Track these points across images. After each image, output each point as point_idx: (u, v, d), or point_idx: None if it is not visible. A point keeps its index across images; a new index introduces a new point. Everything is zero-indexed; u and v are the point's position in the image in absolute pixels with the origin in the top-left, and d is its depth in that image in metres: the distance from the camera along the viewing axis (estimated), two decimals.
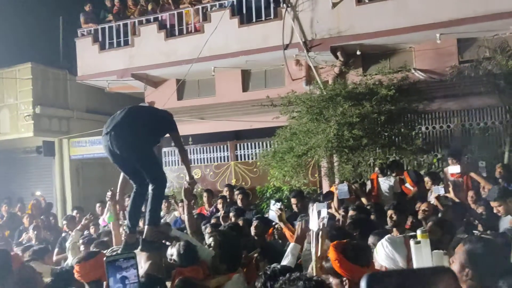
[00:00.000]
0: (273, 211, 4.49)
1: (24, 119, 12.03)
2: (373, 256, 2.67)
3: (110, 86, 11.81)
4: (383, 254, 2.58)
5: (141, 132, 3.69)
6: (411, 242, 2.01)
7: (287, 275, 2.01)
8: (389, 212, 4.64)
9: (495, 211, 4.59)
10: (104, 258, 1.70)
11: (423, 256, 1.96)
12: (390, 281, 0.60)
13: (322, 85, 8.99)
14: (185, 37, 10.66)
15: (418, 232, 2.06)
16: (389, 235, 2.81)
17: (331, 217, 5.57)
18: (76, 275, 3.09)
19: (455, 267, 2.02)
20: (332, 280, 2.49)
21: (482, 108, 9.00)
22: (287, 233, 4.45)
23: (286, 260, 3.36)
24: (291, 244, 3.50)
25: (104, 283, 1.68)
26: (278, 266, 2.64)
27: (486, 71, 8.11)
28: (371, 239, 3.78)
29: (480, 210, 5.44)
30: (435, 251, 1.94)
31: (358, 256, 2.38)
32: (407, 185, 6.95)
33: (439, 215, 5.18)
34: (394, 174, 7.37)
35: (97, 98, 13.04)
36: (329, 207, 5.85)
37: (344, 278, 2.42)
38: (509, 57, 8.06)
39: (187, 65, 10.06)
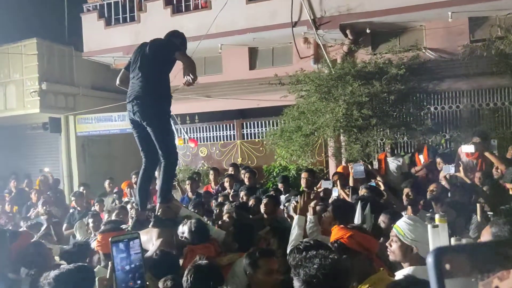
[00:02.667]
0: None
1: (30, 95, 12.00)
2: (394, 238, 2.63)
3: (116, 63, 11.71)
4: (416, 233, 2.53)
5: (160, 94, 3.78)
6: (429, 226, 1.99)
7: (303, 253, 2.01)
8: (406, 190, 4.67)
9: (511, 192, 4.57)
10: (109, 239, 1.69)
11: (440, 240, 1.93)
12: (463, 255, 0.57)
13: (331, 64, 8.87)
14: (192, 13, 10.50)
15: (437, 216, 2.03)
16: (409, 215, 2.81)
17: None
18: (96, 244, 3.11)
19: None
20: None
21: (492, 89, 8.89)
22: None
23: (294, 232, 3.42)
24: (296, 217, 3.58)
25: (110, 263, 1.68)
26: (311, 242, 2.69)
27: (498, 51, 7.97)
28: (382, 217, 3.80)
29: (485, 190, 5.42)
30: (466, 239, 1.91)
31: None
32: (421, 157, 6.92)
33: (448, 195, 5.17)
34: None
35: (103, 75, 12.95)
36: (334, 185, 5.88)
37: None
38: None
39: (194, 42, 9.93)
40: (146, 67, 3.92)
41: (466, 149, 6.02)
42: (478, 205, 3.90)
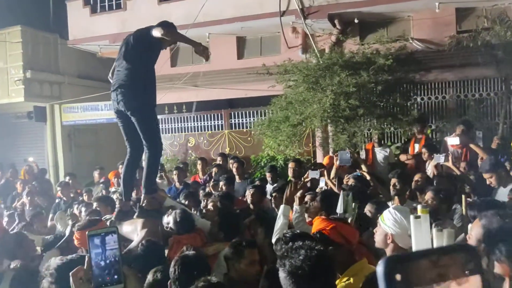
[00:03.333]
0: None
1: (15, 84, 11.81)
2: (378, 224, 2.71)
3: (102, 51, 11.56)
4: (392, 221, 2.61)
5: (145, 83, 3.73)
6: (411, 217, 2.01)
7: (290, 243, 2.02)
8: (393, 180, 4.69)
9: (487, 182, 4.64)
10: (87, 233, 1.68)
11: (422, 231, 1.96)
12: (411, 264, 0.56)
13: (319, 54, 8.86)
14: (179, 1, 10.37)
15: (419, 207, 2.06)
16: (395, 205, 2.86)
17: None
18: (76, 242, 3.08)
19: (471, 242, 2.03)
20: None
21: (478, 79, 8.98)
22: None
23: (280, 222, 3.46)
24: (281, 206, 3.60)
25: (86, 256, 1.67)
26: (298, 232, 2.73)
27: (484, 42, 8.02)
28: (368, 207, 3.83)
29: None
30: (447, 229, 1.94)
31: None
32: (417, 146, 6.97)
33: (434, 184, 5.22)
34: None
35: (89, 63, 12.80)
36: (321, 175, 5.89)
37: None
38: (508, 28, 7.96)
39: (181, 30, 9.81)
40: (130, 55, 3.87)
41: (451, 142, 6.08)
42: (463, 196, 3.94)
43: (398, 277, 0.55)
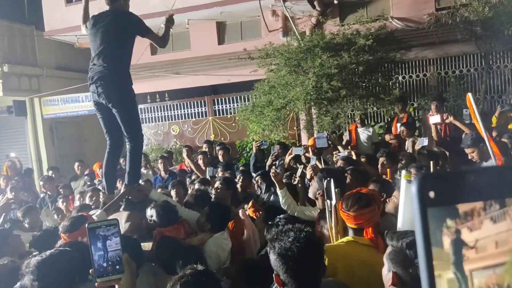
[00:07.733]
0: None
1: None
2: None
3: (79, 41, 11.35)
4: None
5: (125, 74, 3.70)
6: (403, 180, 2.09)
7: (280, 226, 2.05)
8: (381, 159, 4.76)
9: (469, 157, 4.70)
10: (86, 225, 1.67)
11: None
12: (450, 183, 0.53)
13: (300, 36, 8.82)
14: None
15: (403, 172, 2.14)
16: None
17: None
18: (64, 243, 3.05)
19: None
20: None
21: (457, 56, 9.05)
22: None
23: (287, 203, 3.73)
24: (278, 192, 3.86)
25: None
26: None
27: (463, 18, 8.05)
28: (371, 186, 3.88)
29: None
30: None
31: None
32: (399, 124, 7.08)
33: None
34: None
35: (67, 54, 12.56)
36: (306, 151, 5.95)
37: None
38: (486, 4, 7.99)
39: (159, 17, 9.67)
40: (108, 46, 3.78)
41: (433, 120, 6.17)
42: None
43: (431, 194, 0.53)
